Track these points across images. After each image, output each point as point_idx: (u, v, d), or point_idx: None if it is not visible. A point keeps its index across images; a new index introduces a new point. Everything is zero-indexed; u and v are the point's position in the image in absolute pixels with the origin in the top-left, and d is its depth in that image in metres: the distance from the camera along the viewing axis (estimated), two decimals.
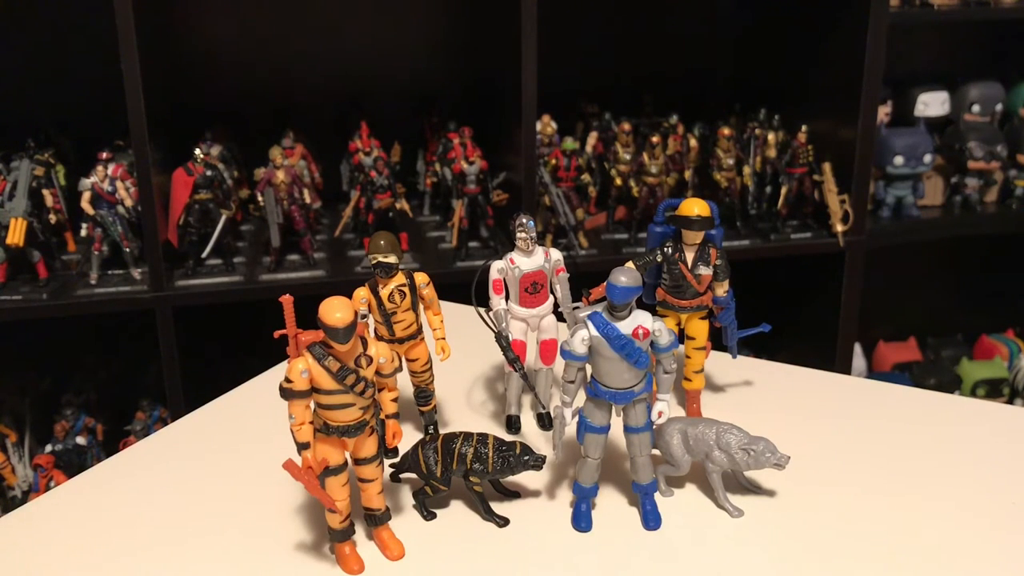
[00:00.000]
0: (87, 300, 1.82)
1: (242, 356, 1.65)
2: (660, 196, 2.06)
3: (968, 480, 0.82)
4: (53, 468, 1.82)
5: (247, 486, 0.83)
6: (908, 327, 2.76)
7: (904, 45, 2.19)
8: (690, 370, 0.93)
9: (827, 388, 1.01)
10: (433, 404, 0.91)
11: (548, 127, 2.05)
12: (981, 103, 2.45)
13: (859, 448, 0.88)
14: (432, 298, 0.88)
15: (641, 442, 0.76)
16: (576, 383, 0.75)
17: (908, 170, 2.28)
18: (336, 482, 0.70)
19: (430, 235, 2.10)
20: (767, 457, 0.77)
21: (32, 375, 2.14)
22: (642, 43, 2.40)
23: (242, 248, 2.04)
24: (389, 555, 0.73)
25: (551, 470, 0.83)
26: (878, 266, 2.39)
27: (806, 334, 2.28)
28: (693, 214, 0.87)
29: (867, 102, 2.01)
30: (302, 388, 0.67)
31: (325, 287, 1.85)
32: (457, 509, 0.80)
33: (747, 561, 0.72)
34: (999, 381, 2.56)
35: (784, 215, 2.12)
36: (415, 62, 2.32)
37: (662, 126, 2.22)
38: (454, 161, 1.96)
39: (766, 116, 2.19)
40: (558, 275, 0.90)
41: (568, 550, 0.74)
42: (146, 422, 2.02)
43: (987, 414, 0.95)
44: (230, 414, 0.97)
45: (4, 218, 1.77)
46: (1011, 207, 2.39)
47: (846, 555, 0.72)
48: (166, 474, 0.87)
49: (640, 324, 0.72)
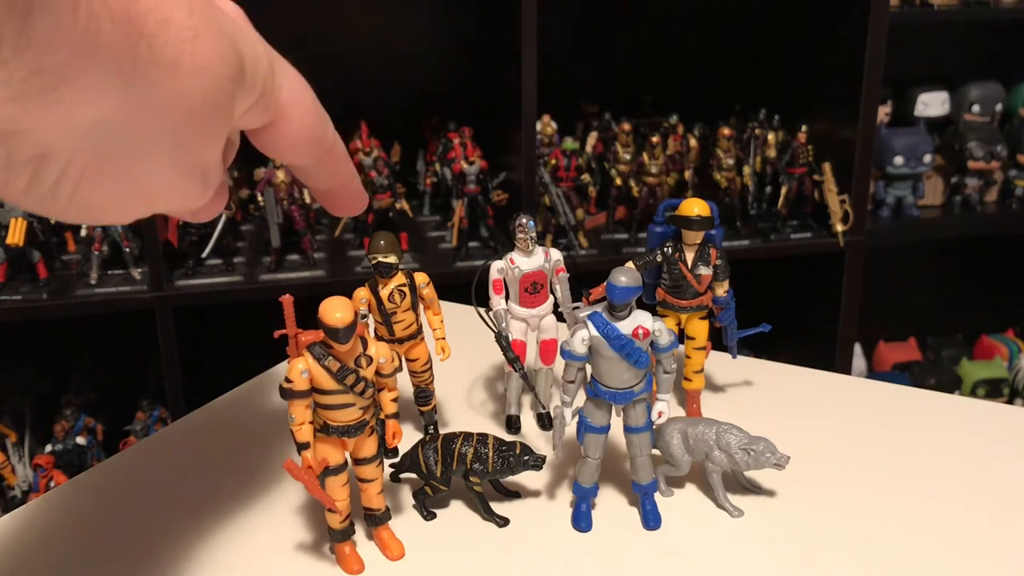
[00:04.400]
0: (87, 300, 1.82)
1: (242, 356, 1.66)
2: (660, 196, 2.06)
3: (968, 480, 0.82)
4: (53, 468, 1.82)
5: (247, 486, 0.83)
6: (908, 327, 2.76)
7: (904, 45, 2.19)
8: (690, 370, 0.93)
9: (827, 388, 1.01)
10: (433, 404, 0.91)
11: (548, 127, 2.06)
12: (981, 103, 2.46)
13: (859, 448, 0.88)
14: (432, 298, 0.88)
15: (641, 442, 0.76)
16: (576, 383, 0.75)
17: (908, 170, 2.28)
18: (336, 482, 0.70)
19: (430, 235, 2.11)
20: (767, 457, 0.77)
21: (32, 375, 2.15)
22: (642, 43, 2.40)
23: (242, 248, 2.05)
24: (389, 555, 0.73)
25: (551, 470, 0.83)
26: (878, 266, 2.39)
27: (806, 334, 2.28)
28: (693, 214, 0.87)
29: (867, 102, 2.01)
30: (302, 388, 0.67)
31: (325, 287, 1.85)
32: (457, 509, 0.80)
33: (747, 561, 0.72)
34: (999, 381, 2.56)
35: (784, 215, 2.12)
36: (415, 62, 2.33)
37: (662, 126, 2.22)
38: (454, 161, 1.96)
39: (766, 116, 2.19)
40: (558, 275, 0.90)
41: (568, 550, 0.74)
42: (146, 422, 2.02)
43: (987, 414, 0.95)
44: (230, 414, 0.97)
45: (4, 218, 1.77)
46: (1011, 207, 2.39)
47: (846, 555, 0.72)
48: (166, 474, 0.87)
49: (640, 324, 0.72)
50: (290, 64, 0.47)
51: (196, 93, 0.37)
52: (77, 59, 0.32)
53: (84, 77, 0.32)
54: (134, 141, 0.37)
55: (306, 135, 0.48)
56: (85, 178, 0.37)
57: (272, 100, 0.45)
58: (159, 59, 0.35)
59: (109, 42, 0.32)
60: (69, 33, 0.31)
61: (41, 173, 0.35)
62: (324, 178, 0.53)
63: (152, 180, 0.40)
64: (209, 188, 0.45)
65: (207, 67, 0.37)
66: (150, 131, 0.37)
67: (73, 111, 0.34)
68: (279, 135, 0.47)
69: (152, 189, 0.40)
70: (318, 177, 0.53)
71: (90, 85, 0.33)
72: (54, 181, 0.36)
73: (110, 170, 0.38)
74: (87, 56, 0.32)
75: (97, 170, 0.37)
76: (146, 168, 0.39)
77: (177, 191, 0.42)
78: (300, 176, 0.53)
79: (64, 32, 0.31)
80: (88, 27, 0.31)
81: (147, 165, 0.39)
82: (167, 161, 0.40)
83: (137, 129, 0.37)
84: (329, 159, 0.52)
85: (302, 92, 0.47)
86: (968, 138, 2.34)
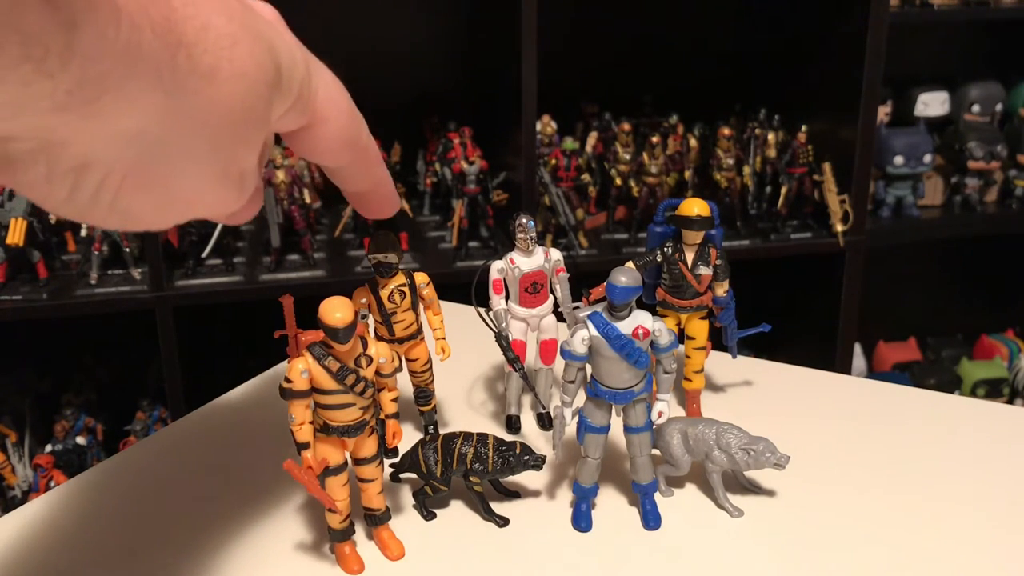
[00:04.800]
0: (87, 300, 1.82)
1: (242, 356, 1.66)
2: (660, 196, 2.06)
3: (968, 480, 0.82)
4: (53, 468, 1.82)
5: (247, 486, 0.83)
6: (908, 327, 2.76)
7: (904, 45, 2.20)
8: (690, 370, 0.93)
9: (827, 388, 1.01)
10: (433, 404, 0.90)
11: (548, 127, 2.06)
12: (981, 103, 2.46)
13: (859, 448, 0.88)
14: (432, 298, 0.88)
15: (641, 442, 0.76)
16: (576, 383, 0.75)
17: (908, 170, 2.28)
18: (336, 482, 0.70)
19: (430, 235, 2.11)
20: (767, 457, 0.77)
21: (32, 375, 2.15)
22: (642, 43, 2.40)
23: (242, 248, 2.05)
24: (389, 555, 0.73)
25: (551, 470, 0.83)
26: (878, 266, 2.39)
27: (806, 334, 2.28)
28: (693, 214, 0.87)
29: (867, 102, 2.01)
30: (302, 388, 0.67)
31: (325, 287, 1.85)
32: (457, 509, 0.80)
33: (747, 561, 0.72)
34: (999, 381, 2.56)
35: (784, 215, 2.12)
36: (415, 62, 2.33)
37: (662, 126, 2.22)
38: (454, 161, 1.96)
39: (766, 116, 2.19)
40: (558, 275, 0.90)
41: (568, 550, 0.74)
42: (146, 422, 2.02)
43: (987, 414, 0.95)
44: (230, 414, 0.97)
45: (4, 218, 1.77)
46: (1011, 207, 2.39)
47: (847, 555, 0.72)
48: (166, 474, 0.87)
49: (640, 324, 0.72)
50: (325, 65, 0.47)
51: (234, 100, 0.37)
52: (119, 69, 0.32)
53: (125, 87, 0.32)
54: (173, 149, 0.37)
55: (342, 137, 0.48)
56: (125, 186, 0.37)
57: (308, 103, 0.45)
58: (198, 67, 0.35)
59: (150, 52, 0.32)
60: (112, 44, 0.31)
61: (82, 183, 0.35)
62: (358, 180, 0.53)
63: (191, 186, 0.40)
64: (246, 192, 0.44)
65: (245, 73, 0.37)
66: (189, 139, 0.37)
67: (113, 121, 0.33)
68: (315, 137, 0.47)
69: (191, 195, 0.40)
70: (352, 179, 0.53)
71: (131, 95, 0.33)
72: (95, 190, 0.36)
73: (149, 178, 0.38)
74: (129, 66, 0.32)
75: (137, 178, 0.37)
76: (185, 175, 0.39)
77: (215, 196, 0.42)
78: (334, 178, 0.53)
79: (108, 43, 0.31)
80: (130, 38, 0.31)
81: (186, 172, 0.39)
82: (206, 168, 0.40)
83: (176, 137, 0.37)
84: (363, 160, 0.52)
85: (338, 94, 0.47)
86: (968, 138, 2.34)
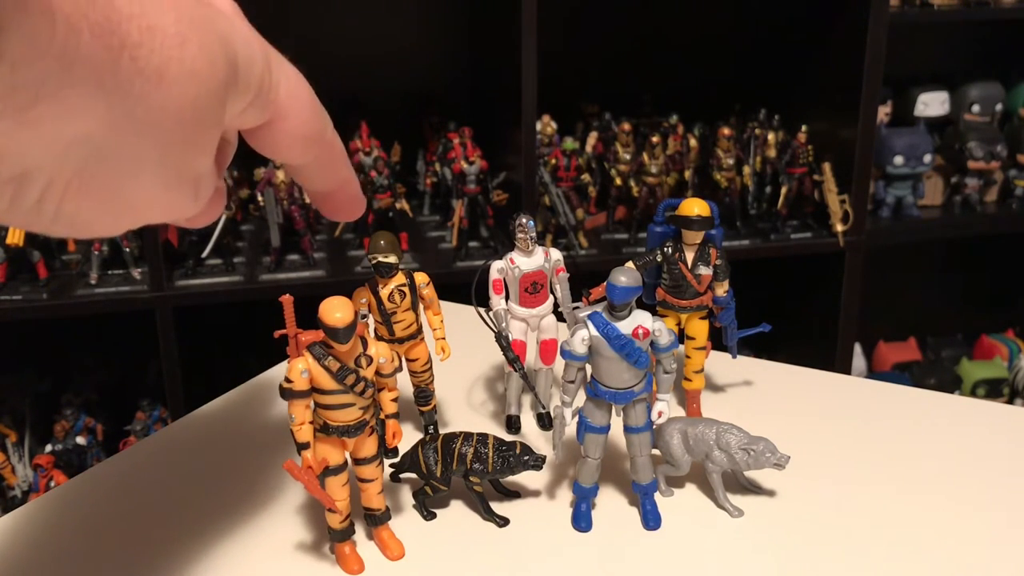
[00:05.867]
0: (87, 300, 1.82)
1: (242, 356, 1.66)
2: (660, 196, 2.06)
3: (968, 480, 0.82)
4: (53, 468, 1.82)
5: (247, 486, 0.83)
6: (908, 327, 2.76)
7: (904, 45, 2.19)
8: (690, 370, 0.93)
9: (827, 388, 1.01)
10: (433, 404, 0.90)
11: (548, 127, 2.06)
12: (981, 103, 2.46)
13: (859, 448, 0.88)
14: (432, 298, 0.88)
15: (641, 442, 0.76)
16: (576, 383, 0.75)
17: (908, 170, 2.28)
18: (336, 482, 0.70)
19: (430, 235, 2.11)
20: (767, 457, 0.77)
21: (32, 375, 2.15)
22: (642, 43, 2.40)
23: (242, 248, 2.05)
24: (389, 555, 0.73)
25: (551, 470, 0.83)
26: (878, 266, 2.39)
27: (806, 334, 2.28)
28: (693, 214, 0.87)
29: (867, 102, 2.01)
30: (302, 388, 0.67)
31: (325, 287, 1.85)
32: (457, 509, 0.80)
33: (748, 561, 0.72)
34: (999, 381, 2.57)
35: (784, 215, 2.12)
36: (415, 62, 2.33)
37: (662, 126, 2.22)
38: (454, 161, 1.96)
39: (766, 116, 2.19)
40: (558, 275, 0.90)
41: (568, 550, 0.74)
42: (146, 422, 2.02)
43: (987, 414, 0.95)
44: (230, 414, 0.97)
45: None
46: (1011, 207, 2.39)
47: (847, 555, 0.72)
48: (166, 474, 0.87)
49: (640, 324, 0.72)
50: (287, 60, 0.46)
51: (184, 102, 0.35)
52: (55, 75, 0.30)
53: (63, 92, 0.31)
54: (120, 155, 0.36)
55: (305, 133, 0.46)
56: (69, 194, 0.35)
57: (269, 99, 0.43)
58: (144, 70, 0.33)
59: (90, 55, 0.31)
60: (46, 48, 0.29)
61: (22, 192, 0.34)
62: (322, 179, 0.52)
63: (141, 192, 0.38)
64: (202, 197, 0.43)
65: (195, 73, 0.35)
66: (136, 144, 0.36)
67: (52, 128, 0.32)
68: (277, 133, 0.45)
69: (141, 201, 0.39)
70: (316, 177, 0.52)
71: (70, 100, 0.31)
72: (37, 199, 0.34)
73: (95, 185, 0.36)
74: (66, 71, 0.30)
75: (81, 186, 0.35)
76: (134, 181, 0.37)
77: (168, 201, 0.40)
78: (297, 177, 0.51)
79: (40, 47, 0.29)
80: (67, 41, 0.30)
81: (135, 178, 0.37)
82: (156, 172, 0.38)
83: (122, 142, 0.35)
84: (328, 158, 0.50)
85: (300, 88, 0.45)
86: (968, 138, 2.34)
